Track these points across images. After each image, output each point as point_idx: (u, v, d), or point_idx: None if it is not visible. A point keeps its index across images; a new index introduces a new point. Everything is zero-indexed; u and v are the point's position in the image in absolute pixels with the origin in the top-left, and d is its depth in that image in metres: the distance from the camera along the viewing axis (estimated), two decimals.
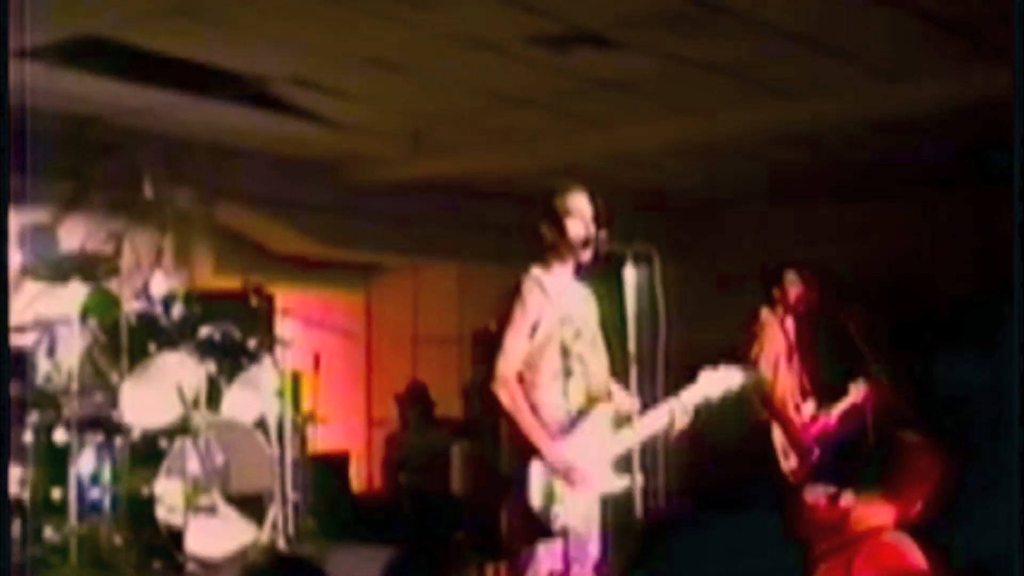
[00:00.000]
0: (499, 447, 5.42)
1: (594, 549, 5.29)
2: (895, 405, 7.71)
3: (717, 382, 5.56)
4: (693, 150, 10.19)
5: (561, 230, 5.34)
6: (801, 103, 8.81)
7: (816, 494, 4.75)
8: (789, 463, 7.62)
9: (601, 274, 5.42)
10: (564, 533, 5.12)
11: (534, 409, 5.18)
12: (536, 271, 5.35)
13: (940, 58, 7.48)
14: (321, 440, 9.79)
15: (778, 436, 7.65)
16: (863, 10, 6.91)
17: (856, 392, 7.70)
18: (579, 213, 5.34)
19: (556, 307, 5.28)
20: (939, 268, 10.07)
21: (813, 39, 7.54)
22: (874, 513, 4.50)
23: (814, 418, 7.69)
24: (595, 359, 5.40)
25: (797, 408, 7.67)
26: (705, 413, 5.50)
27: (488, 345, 5.36)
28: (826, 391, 7.80)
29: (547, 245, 5.38)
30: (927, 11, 6.91)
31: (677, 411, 5.40)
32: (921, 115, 8.73)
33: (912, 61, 7.88)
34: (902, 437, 5.03)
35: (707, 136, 9.62)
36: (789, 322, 7.77)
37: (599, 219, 5.37)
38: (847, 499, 4.56)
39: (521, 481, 5.10)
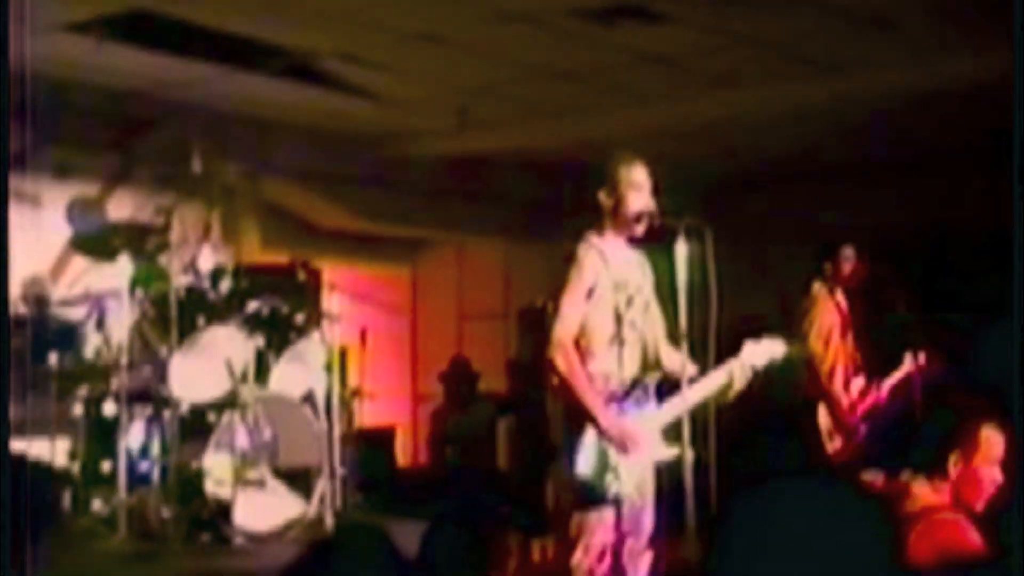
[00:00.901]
0: (545, 421, 5.40)
1: (648, 520, 5.28)
2: (946, 381, 7.64)
3: (761, 353, 5.53)
4: (735, 125, 10.13)
5: (620, 201, 5.32)
6: (843, 78, 8.74)
7: (873, 473, 4.70)
8: (834, 444, 7.55)
9: (654, 247, 5.40)
10: (617, 502, 5.10)
11: (589, 378, 5.16)
12: (592, 237, 5.33)
13: (979, 35, 7.38)
14: (367, 415, 9.79)
15: (823, 417, 7.58)
16: None
17: (907, 363, 7.63)
18: (640, 186, 5.33)
19: (611, 273, 5.26)
20: (975, 245, 9.96)
21: (857, 14, 7.48)
22: (930, 491, 4.45)
23: (864, 393, 7.63)
24: (648, 327, 5.38)
25: (847, 384, 7.60)
26: (755, 383, 5.48)
27: (534, 321, 5.34)
28: (877, 366, 7.74)
29: (604, 214, 5.35)
30: None
31: (736, 371, 5.38)
32: (962, 91, 8.64)
33: (955, 37, 7.81)
34: (956, 409, 4.97)
35: (749, 111, 9.56)
36: (841, 296, 7.71)
37: (656, 192, 5.35)
38: (905, 475, 4.51)
39: (572, 450, 5.08)
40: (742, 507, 2.31)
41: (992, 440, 4.63)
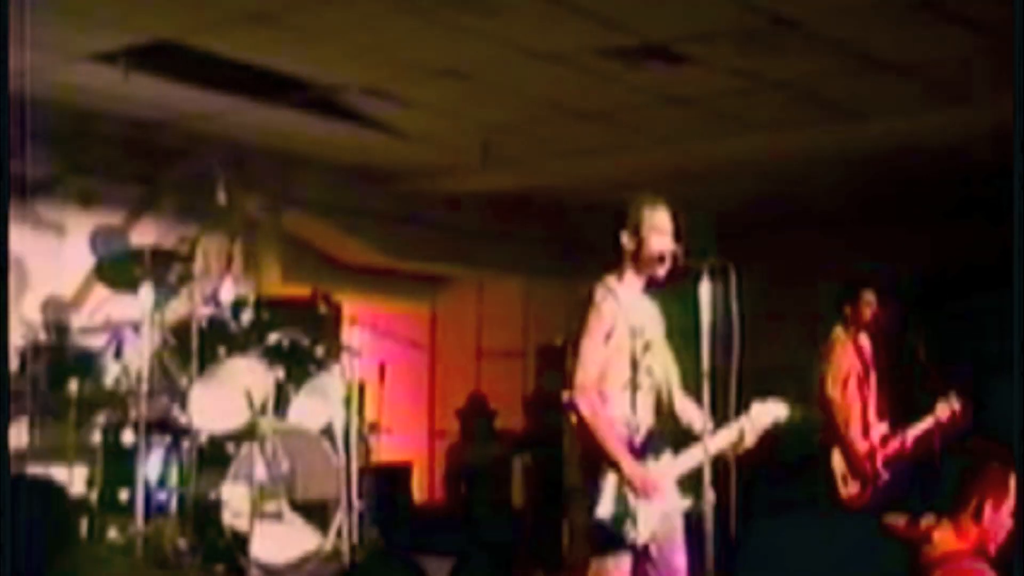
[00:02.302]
0: (562, 460, 5.40)
1: (681, 560, 5.25)
2: (965, 429, 7.61)
3: (767, 413, 5.52)
4: (758, 167, 10.15)
5: (642, 243, 5.32)
6: (866, 122, 8.75)
7: (895, 517, 4.70)
8: (849, 489, 7.51)
9: (676, 288, 5.39)
10: (634, 547, 5.09)
11: (609, 424, 5.16)
12: (610, 281, 5.33)
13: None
14: (385, 450, 9.79)
15: (838, 462, 7.54)
16: (932, 28, 6.85)
17: (935, 412, 7.59)
18: (662, 228, 5.33)
19: (627, 317, 5.26)
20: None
21: (878, 59, 7.50)
22: (953, 537, 4.45)
23: (886, 440, 7.59)
24: (664, 373, 5.38)
25: (868, 430, 7.56)
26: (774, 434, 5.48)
27: (552, 360, 5.35)
28: (899, 412, 7.71)
29: (625, 256, 5.36)
30: (998, 30, 6.84)
31: (747, 428, 5.37)
32: (982, 138, 8.64)
33: (978, 83, 7.82)
34: (978, 455, 4.97)
35: (772, 153, 9.58)
36: (863, 340, 7.68)
37: (678, 234, 5.35)
38: (927, 520, 4.50)
39: (591, 494, 5.07)
40: (763, 538, 2.32)
41: (1013, 489, 4.63)
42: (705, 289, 5.12)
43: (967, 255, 10.66)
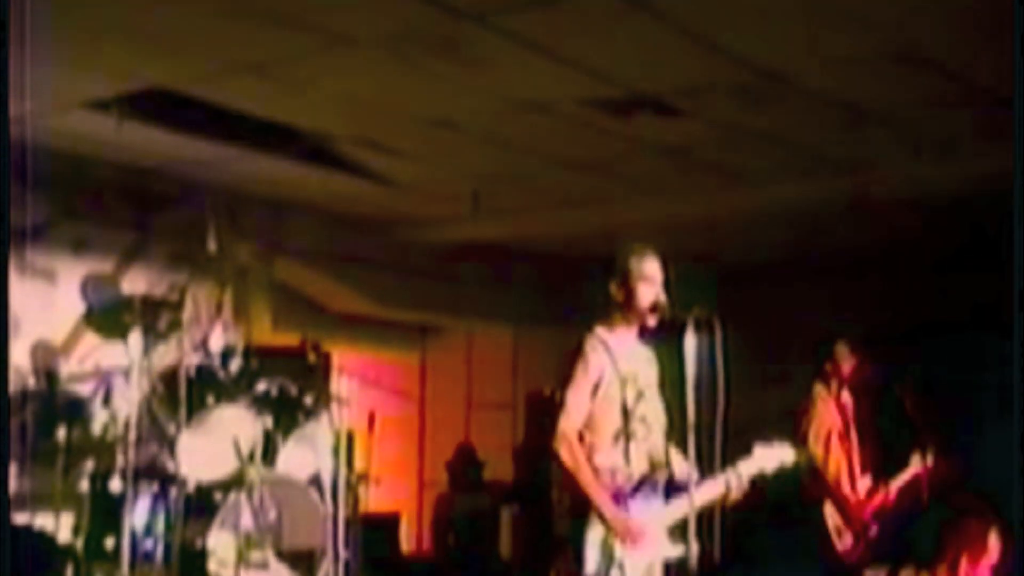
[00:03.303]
0: (550, 511, 5.42)
1: None
2: (950, 480, 7.63)
3: (771, 457, 5.55)
4: (746, 219, 10.19)
5: (631, 293, 5.35)
6: (856, 176, 8.80)
7: (875, 570, 4.72)
8: (843, 543, 7.50)
9: (663, 338, 5.41)
10: None
11: (595, 472, 5.17)
12: (600, 330, 5.35)
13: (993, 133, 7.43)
14: (373, 499, 9.77)
15: (831, 515, 7.54)
16: (921, 81, 6.91)
17: (916, 464, 7.61)
18: (651, 278, 5.36)
19: (618, 367, 5.28)
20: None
21: (871, 112, 7.55)
22: None
23: (872, 493, 7.59)
24: (657, 422, 5.40)
25: (853, 484, 7.57)
26: (760, 485, 5.49)
27: (541, 410, 5.36)
28: (883, 465, 7.71)
29: (614, 305, 5.38)
30: (984, 84, 6.90)
31: (733, 482, 5.39)
32: (970, 191, 8.68)
33: (966, 135, 7.88)
34: (959, 509, 4.99)
35: (761, 206, 9.61)
36: (845, 396, 7.69)
37: (668, 285, 5.38)
38: (907, 572, 4.52)
39: (578, 544, 5.08)
40: None
41: (995, 545, 4.64)
42: (690, 341, 5.14)
43: (955, 305, 10.70)
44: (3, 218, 4.21)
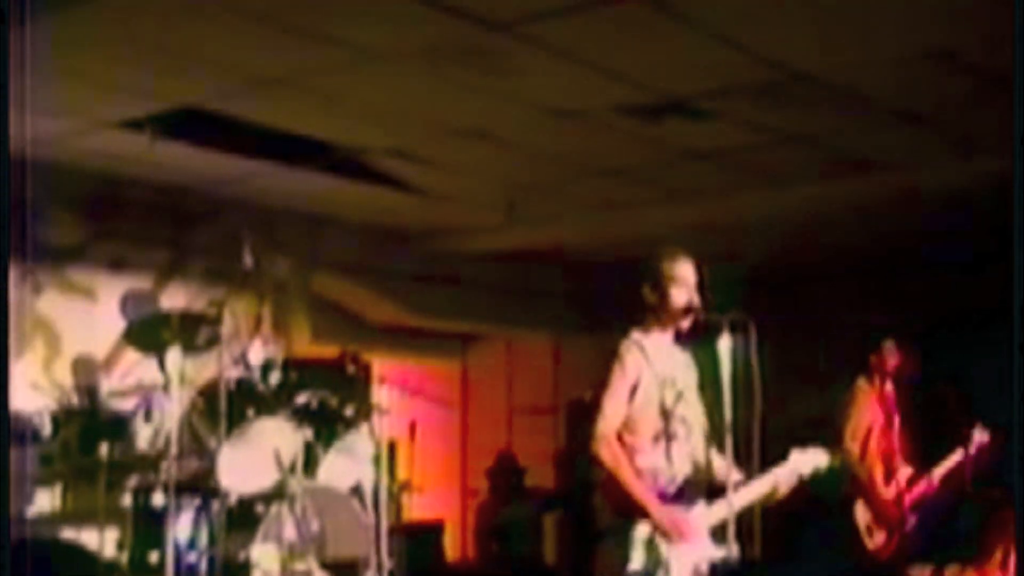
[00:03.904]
0: (593, 517, 5.42)
1: None
2: (988, 472, 7.60)
3: (806, 462, 5.55)
4: (782, 221, 10.17)
5: (664, 296, 5.35)
6: (887, 175, 8.78)
7: (920, 568, 4.71)
8: (875, 541, 7.49)
9: (699, 341, 5.42)
10: None
11: (637, 474, 5.17)
12: (636, 334, 5.36)
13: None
14: (416, 508, 9.80)
15: (862, 513, 7.53)
16: (953, 80, 6.89)
17: (959, 453, 7.59)
18: (684, 281, 5.37)
19: (655, 369, 5.29)
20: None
21: (900, 113, 7.53)
22: None
23: (914, 482, 7.59)
24: (698, 424, 5.41)
25: (893, 475, 7.56)
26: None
27: (582, 415, 5.37)
28: (926, 458, 7.71)
29: (649, 309, 5.39)
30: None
31: (782, 478, 5.40)
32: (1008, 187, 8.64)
33: (998, 133, 7.83)
34: (994, 501, 4.98)
35: (795, 207, 9.60)
36: (888, 389, 7.70)
37: (702, 288, 5.39)
38: (952, 571, 4.51)
39: (623, 545, 5.09)
40: None
41: None
42: (725, 343, 5.14)
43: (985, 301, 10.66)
44: (3, 225, 4.24)
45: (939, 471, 7.63)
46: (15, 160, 4.51)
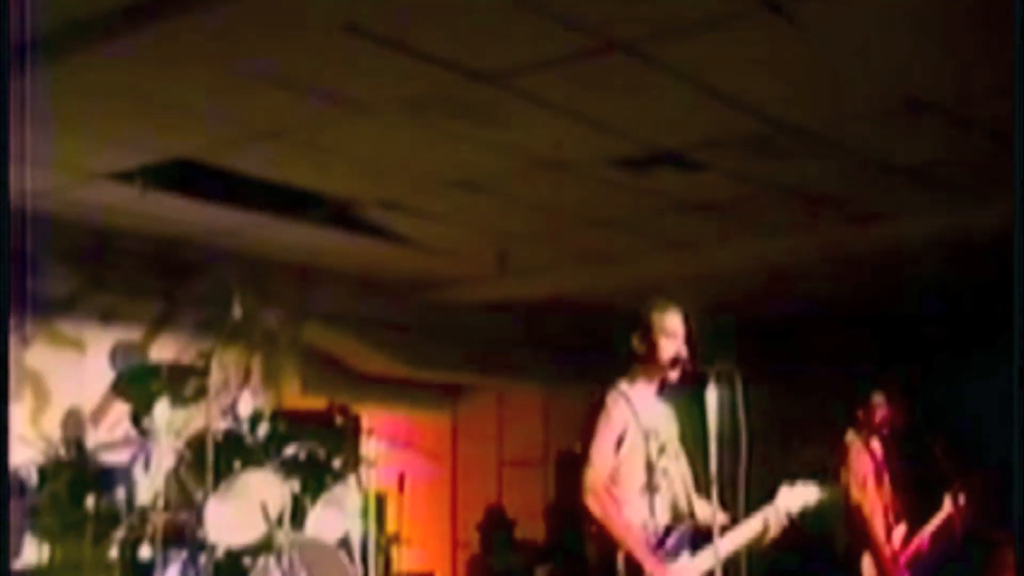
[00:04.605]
0: (584, 569, 5.39)
1: None
2: (982, 523, 7.58)
3: (795, 498, 5.53)
4: (771, 271, 10.19)
5: (653, 347, 5.36)
6: (878, 226, 8.81)
7: None
8: None
9: (684, 392, 5.42)
10: None
11: (626, 527, 5.16)
12: (622, 385, 5.36)
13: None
14: (406, 561, 9.76)
15: (867, 568, 7.49)
16: (940, 131, 6.92)
17: (948, 506, 7.56)
18: (673, 332, 5.37)
19: (641, 421, 5.29)
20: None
21: (889, 161, 7.56)
22: None
23: (906, 541, 7.55)
24: (679, 475, 5.40)
25: (889, 533, 7.53)
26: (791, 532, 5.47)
27: (572, 467, 5.34)
28: (916, 512, 7.68)
29: (637, 359, 5.39)
30: (1004, 133, 6.90)
31: (772, 518, 5.38)
32: (995, 237, 8.68)
33: (987, 184, 7.87)
34: (993, 542, 4.99)
35: (785, 257, 9.62)
36: (875, 443, 7.67)
37: (690, 339, 5.39)
38: None
39: None
40: None
41: None
42: (712, 394, 5.14)
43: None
44: (3, 220, 4.23)
45: (929, 528, 7.60)
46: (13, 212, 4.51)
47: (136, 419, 7.74)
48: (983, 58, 5.86)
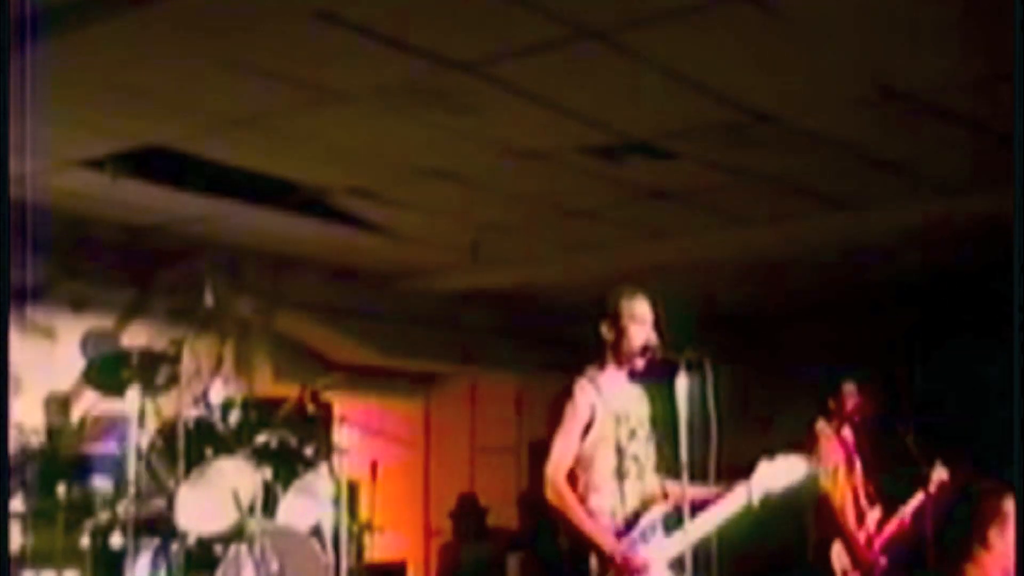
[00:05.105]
0: (557, 557, 5.39)
1: None
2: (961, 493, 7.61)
3: (778, 473, 5.53)
4: (745, 260, 10.21)
5: (621, 334, 5.36)
6: (851, 216, 8.84)
7: None
8: None
9: (655, 380, 5.43)
10: None
11: (591, 514, 5.17)
12: (590, 371, 5.37)
13: (990, 171, 7.45)
14: (379, 549, 9.74)
15: (836, 556, 7.51)
16: (914, 121, 6.95)
17: (923, 492, 7.58)
18: (641, 319, 5.38)
19: (610, 406, 5.29)
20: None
21: (863, 151, 7.59)
22: None
23: (882, 523, 7.58)
24: (650, 460, 5.41)
25: (862, 519, 7.55)
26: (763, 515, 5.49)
27: (544, 455, 5.35)
28: (888, 498, 7.70)
29: (606, 347, 5.40)
30: (979, 123, 6.94)
31: (753, 491, 5.38)
32: (970, 228, 8.72)
33: (962, 174, 7.91)
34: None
35: (758, 247, 9.65)
36: (847, 432, 7.70)
37: (659, 326, 5.39)
38: None
39: None
40: None
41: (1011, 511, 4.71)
42: (682, 382, 5.15)
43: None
44: (3, 220, 4.22)
45: (907, 510, 7.62)
46: None
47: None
48: (958, 48, 5.88)
